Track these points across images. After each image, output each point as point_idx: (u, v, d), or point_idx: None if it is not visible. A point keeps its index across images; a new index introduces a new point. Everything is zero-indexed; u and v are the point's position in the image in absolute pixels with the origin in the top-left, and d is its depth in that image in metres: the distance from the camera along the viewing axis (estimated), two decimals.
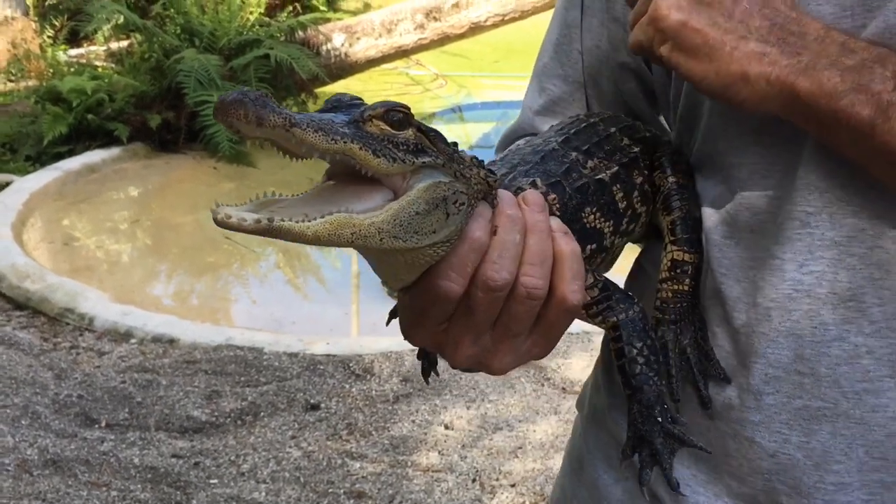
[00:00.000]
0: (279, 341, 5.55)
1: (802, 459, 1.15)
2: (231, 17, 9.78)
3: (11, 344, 5.52)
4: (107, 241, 7.93)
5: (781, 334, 1.14)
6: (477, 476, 4.43)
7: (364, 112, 1.02)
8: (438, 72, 14.00)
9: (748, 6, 1.08)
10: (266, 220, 0.94)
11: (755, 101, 1.08)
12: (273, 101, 0.95)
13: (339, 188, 1.04)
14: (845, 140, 1.05)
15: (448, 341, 1.13)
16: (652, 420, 1.19)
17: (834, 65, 1.04)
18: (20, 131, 9.07)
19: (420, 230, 1.02)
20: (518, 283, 1.08)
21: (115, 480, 4.33)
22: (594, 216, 1.23)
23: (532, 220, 1.09)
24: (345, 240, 0.98)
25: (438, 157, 1.05)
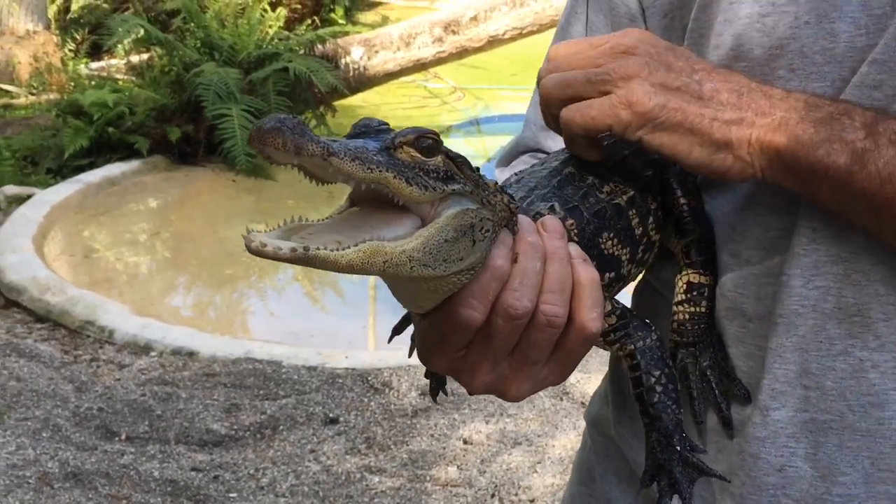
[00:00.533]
0: (298, 354, 5.56)
1: (810, 471, 1.16)
2: (250, 31, 9.82)
3: (33, 356, 5.55)
4: (126, 254, 7.96)
5: (788, 349, 1.16)
6: (496, 491, 4.43)
7: (395, 139, 1.02)
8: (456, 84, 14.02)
9: (713, 85, 1.11)
10: (302, 248, 0.94)
11: (740, 168, 1.10)
12: (310, 129, 0.94)
13: (366, 214, 1.04)
14: (826, 191, 1.08)
15: (466, 367, 1.13)
16: (671, 449, 1.18)
17: (804, 119, 1.07)
18: (41, 144, 9.13)
19: (448, 258, 1.02)
20: (538, 311, 1.08)
21: (134, 493, 4.34)
22: (611, 242, 1.22)
23: (552, 247, 1.10)
24: (377, 268, 0.98)
25: (466, 184, 1.05)
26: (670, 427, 1.17)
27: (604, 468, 1.46)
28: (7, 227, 7.26)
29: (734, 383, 1.22)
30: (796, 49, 1.14)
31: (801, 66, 1.14)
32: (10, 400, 5.06)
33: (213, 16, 9.85)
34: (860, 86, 1.11)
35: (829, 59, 1.13)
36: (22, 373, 5.35)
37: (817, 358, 1.15)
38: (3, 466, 4.47)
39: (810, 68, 1.14)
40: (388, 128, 1.07)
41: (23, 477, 4.41)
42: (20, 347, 5.64)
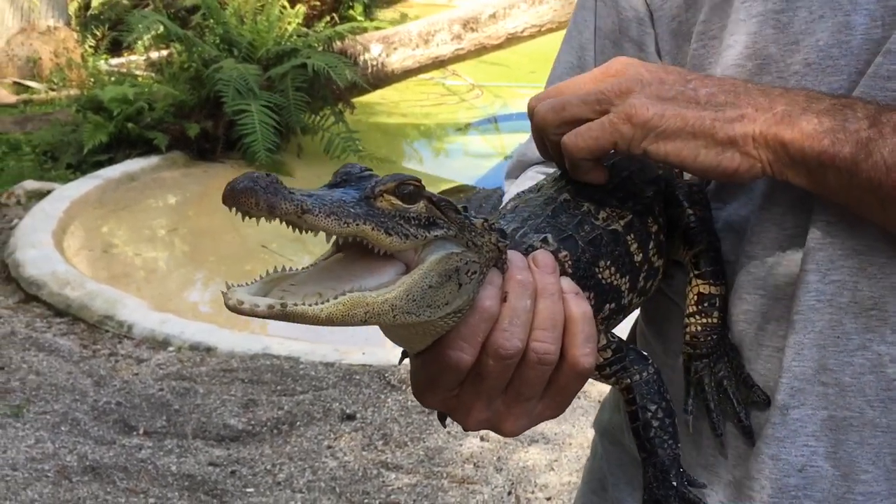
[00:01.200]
0: (315, 351, 5.57)
1: (831, 470, 1.15)
2: (269, 28, 9.84)
3: (52, 350, 5.58)
4: (145, 249, 8.00)
5: (805, 346, 1.15)
6: (512, 488, 4.42)
7: (375, 188, 1.01)
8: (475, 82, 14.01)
9: (708, 90, 1.10)
10: (279, 305, 0.94)
11: (748, 165, 1.09)
12: (283, 187, 0.94)
13: (349, 261, 1.03)
14: (833, 183, 1.07)
15: (459, 406, 1.13)
16: (667, 484, 1.15)
17: (807, 110, 1.07)
18: (61, 140, 9.18)
19: (433, 303, 1.01)
20: (529, 349, 1.07)
21: (152, 488, 4.36)
22: (609, 271, 1.20)
23: (542, 283, 1.08)
24: (358, 319, 0.97)
25: (450, 229, 1.04)
26: (666, 462, 1.15)
27: (616, 477, 1.45)
28: (27, 221, 7.31)
29: (752, 390, 1.21)
30: (812, 43, 1.14)
31: (818, 60, 1.14)
32: (29, 393, 5.09)
33: (233, 12, 9.87)
34: (874, 76, 1.10)
35: (845, 52, 1.12)
36: (41, 367, 5.38)
37: (835, 354, 1.14)
38: (22, 459, 4.50)
39: (826, 62, 1.13)
40: (371, 174, 1.06)
41: (41, 470, 4.43)
42: (39, 341, 5.67)
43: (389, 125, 12.05)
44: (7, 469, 4.42)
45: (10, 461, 4.48)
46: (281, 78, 9.33)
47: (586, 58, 1.40)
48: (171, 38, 9.78)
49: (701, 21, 1.23)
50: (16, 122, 10.19)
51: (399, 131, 12.21)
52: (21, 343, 5.67)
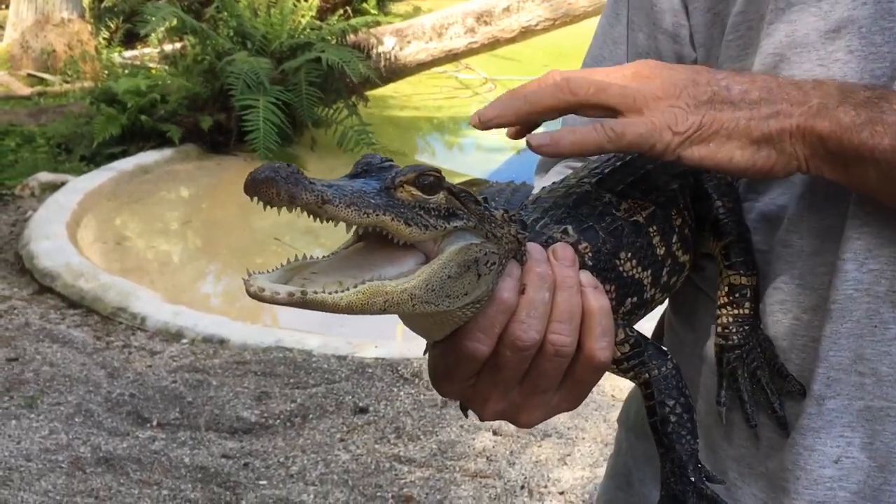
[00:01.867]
0: (328, 344, 5.57)
1: (867, 461, 1.14)
2: (283, 21, 9.83)
3: (66, 342, 5.60)
4: (158, 242, 8.02)
5: (842, 336, 1.14)
6: (525, 483, 4.42)
7: (395, 178, 1.01)
8: (488, 75, 13.99)
9: (741, 87, 1.09)
10: (300, 293, 0.95)
11: (784, 162, 1.09)
12: (304, 177, 0.94)
13: (370, 250, 1.03)
14: (874, 176, 1.06)
15: (476, 396, 1.14)
16: (685, 480, 1.15)
17: (843, 102, 1.05)
18: (75, 132, 9.20)
19: (452, 293, 1.02)
20: (546, 341, 1.07)
21: (165, 479, 4.37)
22: (630, 263, 1.19)
23: (561, 276, 1.08)
24: (378, 308, 0.98)
25: (470, 220, 1.04)
26: (684, 457, 1.15)
27: (643, 472, 1.44)
28: (41, 213, 7.33)
29: (787, 380, 1.20)
30: (854, 31, 1.13)
31: (860, 47, 1.13)
32: (43, 385, 5.11)
33: (246, 5, 9.87)
34: None
35: (888, 38, 1.12)
36: (55, 358, 5.40)
37: (871, 343, 1.13)
38: (36, 450, 4.51)
39: (869, 49, 1.12)
40: (391, 164, 1.06)
41: (55, 461, 4.45)
42: (53, 333, 5.69)
43: (402, 118, 12.05)
44: (21, 460, 4.44)
45: (25, 452, 4.50)
46: (294, 71, 9.33)
47: (618, 52, 1.40)
48: (184, 31, 9.78)
49: (737, 12, 1.22)
50: (30, 114, 10.22)
51: (412, 124, 12.20)
52: (35, 334, 5.68)
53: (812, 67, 1.15)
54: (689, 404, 1.16)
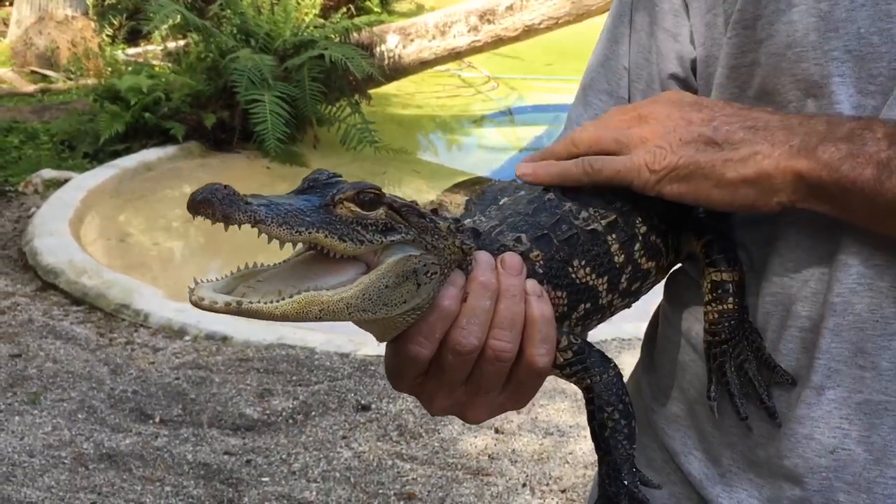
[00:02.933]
0: (331, 341, 5.58)
1: (863, 454, 1.16)
2: (286, 18, 9.84)
3: (69, 339, 5.61)
4: (161, 239, 8.03)
5: (844, 328, 1.15)
6: (527, 481, 4.42)
7: (335, 196, 1.07)
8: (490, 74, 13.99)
9: (728, 128, 1.15)
10: (235, 303, 1.01)
11: (765, 199, 1.14)
12: (239, 198, 1.00)
13: (317, 259, 1.09)
14: (859, 207, 1.09)
15: (424, 393, 1.18)
16: (619, 483, 1.19)
17: (825, 139, 1.10)
18: (79, 129, 9.21)
19: (389, 302, 1.07)
20: (487, 347, 1.12)
21: (168, 476, 4.38)
22: (583, 271, 1.22)
23: (505, 285, 1.13)
24: (313, 316, 1.03)
25: (409, 233, 1.09)
26: (618, 461, 1.18)
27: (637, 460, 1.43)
28: (44, 210, 7.35)
29: (775, 371, 1.22)
30: (853, 31, 1.14)
31: (858, 47, 1.14)
32: (46, 381, 5.12)
33: (250, 3, 9.88)
34: None
35: (885, 39, 1.13)
36: (58, 354, 5.41)
37: (873, 337, 1.14)
38: (39, 446, 4.53)
39: (867, 49, 1.14)
40: (337, 181, 1.11)
41: (58, 457, 4.46)
42: (56, 329, 5.71)
43: (405, 117, 12.05)
44: (24, 455, 4.45)
45: (28, 448, 4.51)
46: (298, 69, 9.34)
47: (619, 51, 1.41)
48: (188, 28, 9.80)
49: (737, 10, 1.24)
50: (33, 111, 10.24)
51: (414, 123, 12.21)
52: (38, 331, 5.70)
53: (809, 67, 1.17)
54: (629, 411, 1.19)
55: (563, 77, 14.58)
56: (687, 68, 1.35)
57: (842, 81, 1.15)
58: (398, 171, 9.47)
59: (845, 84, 1.15)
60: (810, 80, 1.17)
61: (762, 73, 1.21)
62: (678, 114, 1.19)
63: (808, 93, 1.17)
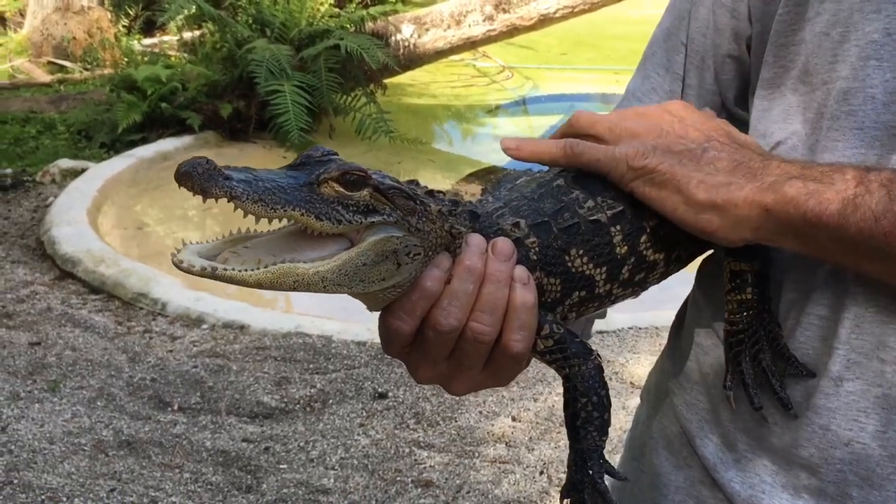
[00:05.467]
0: (348, 330, 5.59)
1: (877, 449, 1.15)
2: (302, 8, 9.85)
3: (87, 327, 5.64)
4: (177, 228, 8.05)
5: (866, 320, 1.15)
6: (545, 468, 4.43)
7: (319, 175, 1.09)
8: (505, 64, 13.97)
9: (715, 153, 1.18)
10: (211, 268, 1.04)
11: (727, 228, 1.15)
12: (219, 173, 1.02)
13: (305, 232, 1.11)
14: (824, 240, 1.10)
15: (411, 362, 1.22)
16: (584, 471, 1.20)
17: (796, 178, 1.12)
18: (95, 119, 9.25)
19: (366, 279, 1.10)
20: (467, 328, 1.15)
21: (187, 463, 4.40)
22: (581, 260, 1.22)
23: (492, 270, 1.15)
24: (288, 286, 1.07)
25: (391, 215, 1.11)
26: (586, 451, 1.20)
27: (655, 441, 1.46)
28: (62, 199, 7.38)
29: (790, 362, 1.22)
30: (893, 12, 1.14)
31: None
32: (65, 369, 5.16)
33: None
34: None
35: None
36: (77, 343, 5.44)
37: (895, 332, 1.13)
38: (59, 433, 4.56)
39: None
40: (331, 158, 1.13)
41: (78, 444, 4.49)
42: (75, 318, 5.74)
43: (420, 106, 12.05)
44: (45, 442, 4.48)
45: (48, 435, 4.54)
46: (314, 59, 9.35)
47: (681, 25, 1.41)
48: (203, 19, 9.82)
49: None
50: (51, 101, 10.28)
51: (429, 112, 12.21)
52: (57, 319, 5.73)
53: (849, 48, 1.16)
54: (603, 404, 1.20)
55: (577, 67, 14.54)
56: (742, 47, 1.34)
57: (878, 65, 1.14)
58: (413, 161, 9.47)
59: (881, 68, 1.14)
60: (848, 62, 1.16)
61: (806, 52, 1.21)
62: (678, 125, 1.21)
63: (842, 74, 1.16)
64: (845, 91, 1.16)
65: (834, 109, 1.17)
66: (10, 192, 7.79)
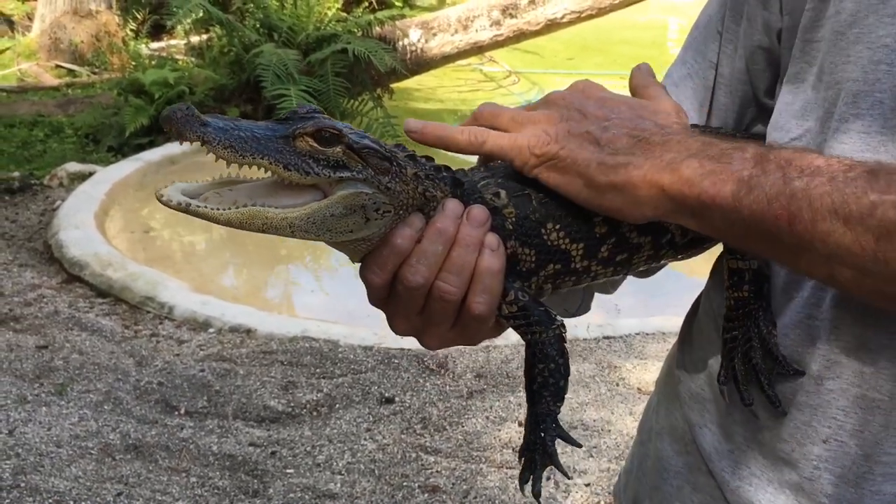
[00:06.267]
0: (354, 334, 5.59)
1: (854, 448, 1.18)
2: (309, 13, 9.87)
3: (95, 330, 5.65)
4: (184, 232, 8.06)
5: (846, 322, 1.17)
6: (551, 474, 4.42)
7: (295, 129, 1.15)
8: (511, 68, 13.98)
9: (616, 132, 1.20)
10: (185, 203, 1.10)
11: (630, 207, 1.18)
12: (196, 119, 1.09)
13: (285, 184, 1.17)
14: (719, 221, 1.13)
15: (387, 313, 1.27)
16: (536, 433, 1.26)
17: (694, 156, 1.14)
18: (103, 122, 9.27)
19: (333, 229, 1.16)
20: (434, 286, 1.20)
21: (194, 467, 4.40)
22: (557, 234, 1.26)
23: (462, 234, 1.20)
24: (256, 228, 1.13)
25: (361, 173, 1.17)
26: (540, 415, 1.25)
27: (661, 426, 1.49)
28: (70, 203, 7.39)
29: (777, 362, 1.24)
30: None
31: None
32: (72, 372, 5.16)
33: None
34: None
35: None
36: (84, 346, 5.45)
37: (875, 333, 1.15)
38: (66, 437, 4.56)
39: None
40: (314, 116, 1.18)
41: (85, 448, 4.49)
42: (82, 321, 5.74)
43: (427, 111, 12.06)
44: (52, 446, 4.48)
45: (55, 438, 4.55)
46: (321, 63, 9.36)
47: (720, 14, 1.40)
48: (211, 23, 9.83)
49: None
50: (58, 104, 10.30)
51: (436, 117, 12.21)
52: (64, 323, 5.74)
53: (862, 50, 1.16)
54: (560, 371, 1.25)
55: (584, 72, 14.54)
56: (773, 38, 1.34)
57: (888, 70, 1.13)
58: None
59: (891, 73, 1.13)
60: (860, 63, 1.16)
61: (823, 50, 1.21)
62: (578, 104, 1.24)
63: (853, 76, 1.16)
64: (855, 94, 1.15)
65: (843, 111, 1.17)
66: (18, 196, 7.80)
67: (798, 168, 1.08)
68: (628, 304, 6.16)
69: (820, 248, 1.07)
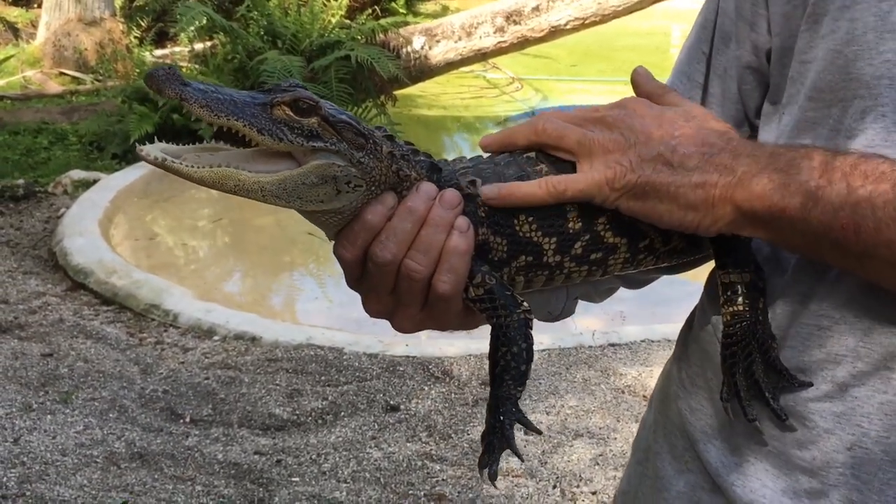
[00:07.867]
0: (359, 342, 5.59)
1: (880, 454, 1.17)
2: (313, 20, 9.89)
3: (99, 338, 5.65)
4: (188, 240, 8.07)
5: (875, 331, 1.17)
6: (557, 482, 4.41)
7: (274, 98, 1.18)
8: (515, 75, 13.98)
9: (685, 150, 1.20)
10: (161, 158, 1.13)
11: (708, 224, 1.20)
12: (177, 79, 1.12)
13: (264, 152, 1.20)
14: (790, 233, 1.15)
15: (360, 294, 1.30)
16: (496, 416, 1.26)
17: (763, 171, 1.15)
18: (107, 130, 9.28)
19: (304, 197, 1.19)
20: (402, 264, 1.22)
21: (199, 475, 4.40)
22: (529, 227, 1.27)
23: (433, 215, 1.22)
24: (229, 188, 1.16)
25: (335, 145, 1.20)
26: (500, 398, 1.26)
27: (659, 445, 1.48)
28: (74, 210, 7.40)
29: (781, 375, 1.24)
30: None
31: None
32: (77, 380, 5.16)
33: (277, 4, 9.93)
34: None
35: None
36: (89, 354, 5.45)
37: None
38: (71, 445, 4.56)
39: None
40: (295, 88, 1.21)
41: (90, 456, 4.48)
42: (87, 329, 5.74)
43: (430, 118, 12.07)
44: (57, 454, 4.48)
45: (60, 447, 4.54)
46: (324, 70, 9.37)
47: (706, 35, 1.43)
48: (215, 30, 9.85)
49: (811, 3, 1.25)
50: (62, 112, 10.32)
51: (439, 124, 12.22)
52: (69, 330, 5.74)
53: (863, 67, 1.17)
54: (523, 356, 1.25)
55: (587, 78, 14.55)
56: (762, 59, 1.35)
57: (890, 84, 1.15)
58: None
59: (893, 87, 1.15)
60: (861, 80, 1.17)
61: (817, 69, 1.22)
62: (638, 126, 1.24)
63: (856, 94, 1.18)
64: (862, 110, 1.17)
65: (850, 126, 1.18)
66: (22, 203, 7.81)
67: (863, 174, 1.10)
68: (633, 311, 6.16)
69: (885, 255, 1.09)
